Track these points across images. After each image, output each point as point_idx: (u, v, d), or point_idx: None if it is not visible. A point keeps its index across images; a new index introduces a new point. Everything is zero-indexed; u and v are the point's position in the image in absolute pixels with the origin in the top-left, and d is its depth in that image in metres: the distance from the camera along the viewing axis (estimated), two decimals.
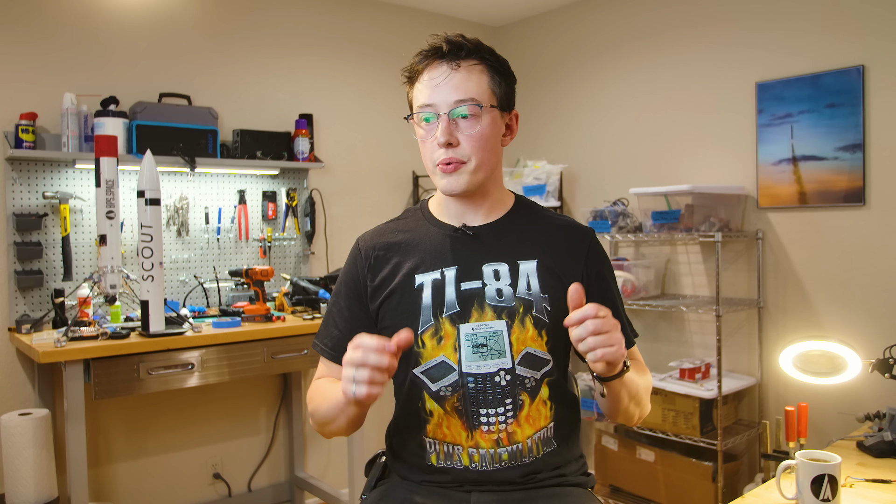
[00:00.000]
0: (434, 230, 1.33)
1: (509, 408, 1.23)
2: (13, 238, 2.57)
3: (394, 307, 1.29)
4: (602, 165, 3.48)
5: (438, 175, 1.26)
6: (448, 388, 1.24)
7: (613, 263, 3.05)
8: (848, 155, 2.59)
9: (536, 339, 1.24)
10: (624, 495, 3.06)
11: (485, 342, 1.23)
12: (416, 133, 1.29)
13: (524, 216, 1.35)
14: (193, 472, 3.01)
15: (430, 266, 1.29)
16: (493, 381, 1.22)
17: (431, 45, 1.25)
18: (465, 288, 1.26)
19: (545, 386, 1.25)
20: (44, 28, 2.65)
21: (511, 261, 1.28)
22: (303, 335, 2.63)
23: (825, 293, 2.70)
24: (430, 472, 1.27)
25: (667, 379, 2.86)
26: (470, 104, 1.23)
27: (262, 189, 3.15)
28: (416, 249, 1.32)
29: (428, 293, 1.26)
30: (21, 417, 2.28)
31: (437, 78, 1.23)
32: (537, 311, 1.24)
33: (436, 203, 1.38)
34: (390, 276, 1.31)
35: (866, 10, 2.55)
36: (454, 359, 1.23)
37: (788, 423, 2.10)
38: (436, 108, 1.23)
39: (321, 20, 3.36)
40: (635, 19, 3.32)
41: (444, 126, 1.22)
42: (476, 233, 1.31)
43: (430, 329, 1.25)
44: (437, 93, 1.23)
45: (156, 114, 2.75)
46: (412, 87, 1.29)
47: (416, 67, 1.27)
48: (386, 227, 1.39)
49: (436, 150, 1.24)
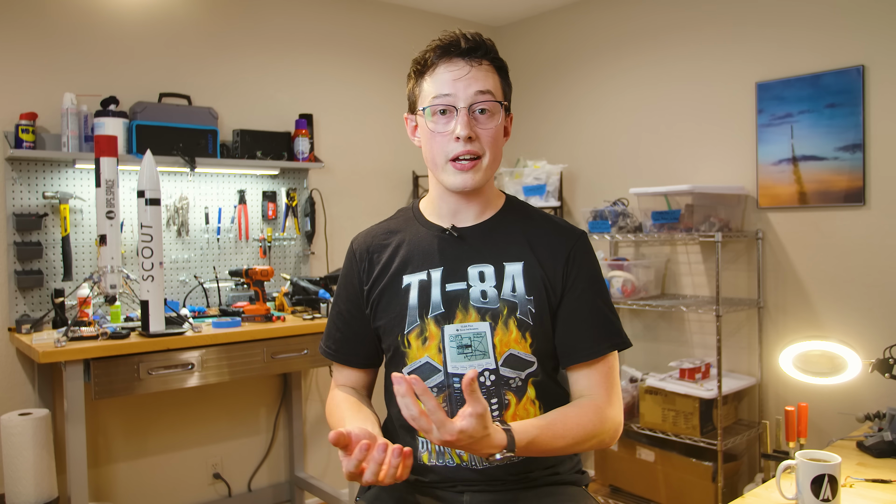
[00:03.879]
0: (423, 231, 1.33)
1: (495, 407, 1.23)
2: (13, 238, 2.57)
3: (384, 308, 1.30)
4: (602, 165, 3.48)
5: (450, 171, 1.24)
6: (434, 388, 1.24)
7: (613, 263, 3.06)
8: (848, 155, 2.59)
9: (520, 342, 1.24)
10: (624, 495, 3.06)
11: (469, 343, 1.23)
12: (426, 126, 1.26)
13: (513, 217, 1.34)
14: (193, 472, 3.01)
15: (417, 267, 1.29)
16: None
17: (449, 41, 1.24)
18: (451, 289, 1.26)
19: (531, 386, 1.25)
20: (44, 28, 2.65)
21: (497, 262, 1.27)
22: (303, 335, 2.63)
23: (825, 293, 2.70)
24: (423, 471, 1.27)
25: (667, 379, 2.86)
26: (490, 99, 1.23)
27: (262, 189, 3.15)
28: (404, 250, 1.32)
29: (414, 294, 1.27)
30: (21, 417, 2.28)
31: (458, 72, 1.22)
32: (521, 314, 1.24)
33: (427, 203, 1.37)
34: (380, 276, 1.32)
35: (866, 10, 2.55)
36: (439, 360, 1.24)
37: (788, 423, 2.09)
38: (454, 101, 1.22)
39: (321, 20, 3.36)
40: (635, 19, 3.32)
41: (465, 119, 1.21)
42: (462, 234, 1.30)
43: (416, 329, 1.26)
44: (456, 86, 1.22)
45: (156, 114, 2.75)
46: (421, 80, 1.27)
47: (430, 60, 1.25)
48: (378, 227, 1.40)
49: (449, 143, 1.23)
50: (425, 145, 1.28)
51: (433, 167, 1.28)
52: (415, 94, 1.30)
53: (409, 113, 1.33)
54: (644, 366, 3.23)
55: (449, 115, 1.23)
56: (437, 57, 1.24)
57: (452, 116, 1.23)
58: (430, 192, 1.37)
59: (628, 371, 3.13)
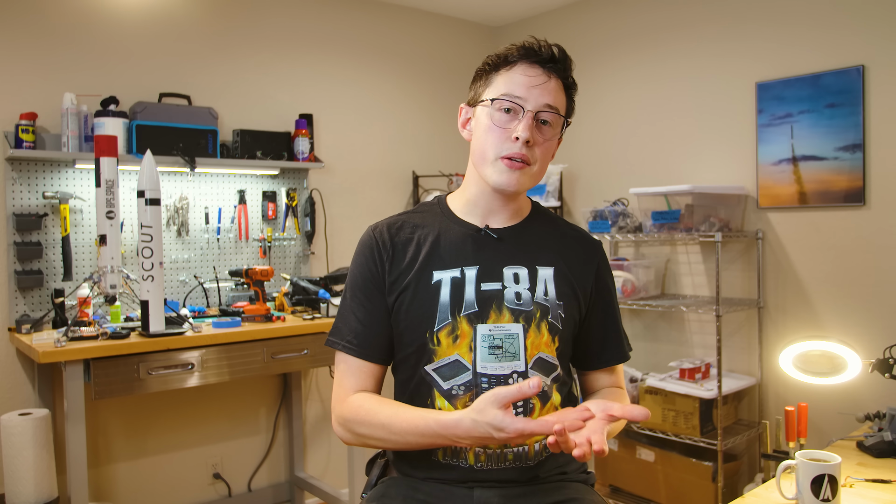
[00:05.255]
0: (455, 228, 1.32)
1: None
2: (13, 238, 2.57)
3: (408, 301, 1.27)
4: (602, 165, 3.48)
5: (499, 168, 1.25)
6: (461, 387, 1.23)
7: (613, 263, 3.06)
8: (848, 155, 2.59)
9: (549, 345, 1.25)
10: (624, 495, 3.07)
11: (500, 344, 1.23)
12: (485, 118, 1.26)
13: (541, 223, 1.37)
14: (193, 472, 3.01)
15: (449, 263, 1.28)
16: (505, 384, 1.22)
17: (534, 46, 1.26)
18: (485, 289, 1.26)
19: (556, 392, 1.27)
20: (44, 28, 2.65)
21: (531, 265, 1.29)
22: (303, 335, 2.62)
23: (825, 293, 2.70)
24: (435, 468, 1.27)
25: (667, 379, 2.86)
26: (555, 113, 1.26)
27: (262, 189, 3.15)
28: (434, 245, 1.30)
29: (447, 291, 1.26)
30: (21, 417, 2.28)
31: (535, 78, 1.24)
32: (553, 318, 1.26)
33: (459, 201, 1.36)
34: (407, 269, 1.29)
35: (866, 10, 2.55)
36: (469, 358, 1.23)
37: (788, 423, 2.10)
38: (524, 103, 1.23)
39: (321, 20, 3.36)
40: (635, 19, 3.32)
41: (529, 123, 1.23)
42: (500, 235, 1.31)
43: (447, 327, 1.24)
44: (531, 91, 1.24)
45: (156, 114, 2.75)
46: (495, 74, 1.28)
47: (511, 58, 1.26)
48: (400, 218, 1.36)
49: (506, 141, 1.24)
50: (479, 137, 1.28)
51: (481, 160, 1.27)
52: (483, 85, 1.30)
53: (468, 105, 1.33)
54: (644, 366, 3.23)
55: (513, 115, 1.24)
56: (520, 57, 1.26)
57: (516, 117, 1.24)
58: (464, 188, 1.36)
59: (628, 371, 3.13)
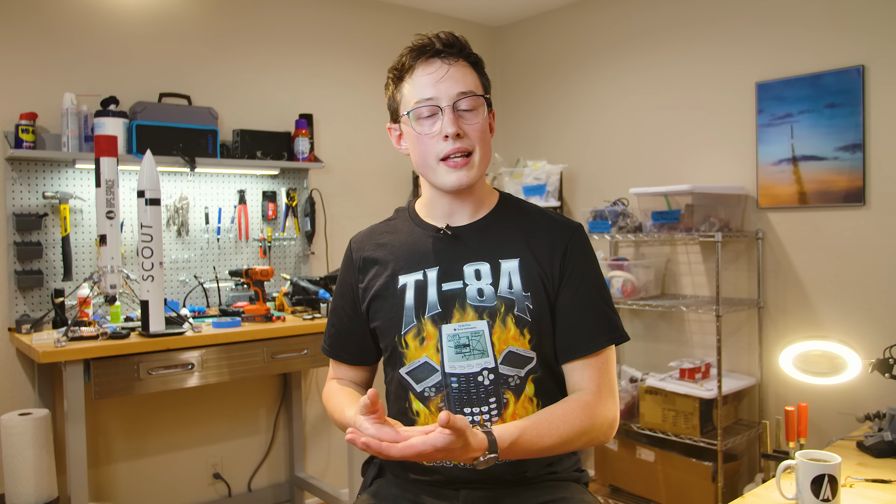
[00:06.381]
0: (418, 231, 1.34)
1: (493, 406, 1.23)
2: (13, 238, 2.57)
3: (380, 308, 1.30)
4: (602, 165, 3.48)
5: (443, 171, 1.24)
6: (432, 388, 1.24)
7: (613, 263, 3.06)
8: (848, 155, 2.59)
9: (519, 338, 1.23)
10: (624, 495, 3.06)
11: (467, 342, 1.23)
12: (412, 131, 1.26)
13: (508, 213, 1.33)
14: (193, 472, 3.01)
15: (412, 267, 1.29)
16: (476, 381, 1.22)
17: (422, 43, 1.24)
18: (447, 288, 1.26)
19: (530, 383, 1.24)
20: (44, 28, 2.65)
21: (493, 260, 1.27)
22: (303, 335, 2.63)
23: (825, 293, 2.70)
24: (422, 471, 1.28)
25: (667, 379, 2.86)
26: (472, 96, 1.24)
27: (262, 189, 3.15)
28: (400, 250, 1.32)
29: (411, 294, 1.27)
30: (21, 417, 2.28)
31: (436, 73, 1.23)
32: (519, 310, 1.24)
33: (422, 204, 1.37)
34: (376, 276, 1.32)
35: (866, 10, 2.55)
36: (436, 359, 1.24)
37: (788, 423, 2.10)
38: (437, 101, 1.22)
39: (321, 20, 3.36)
40: (635, 19, 3.32)
41: (450, 118, 1.22)
42: (457, 233, 1.30)
43: (413, 330, 1.26)
44: (438, 87, 1.22)
45: (156, 114, 2.75)
46: (400, 86, 1.28)
47: (407, 64, 1.26)
48: (376, 227, 1.41)
49: (438, 144, 1.23)
50: (414, 150, 1.28)
51: (425, 170, 1.27)
52: (395, 101, 1.29)
53: (392, 122, 1.33)
54: (644, 366, 3.23)
55: (434, 116, 1.23)
56: (413, 59, 1.25)
57: (437, 117, 1.23)
58: (423, 195, 1.37)
59: (628, 371, 3.12)
